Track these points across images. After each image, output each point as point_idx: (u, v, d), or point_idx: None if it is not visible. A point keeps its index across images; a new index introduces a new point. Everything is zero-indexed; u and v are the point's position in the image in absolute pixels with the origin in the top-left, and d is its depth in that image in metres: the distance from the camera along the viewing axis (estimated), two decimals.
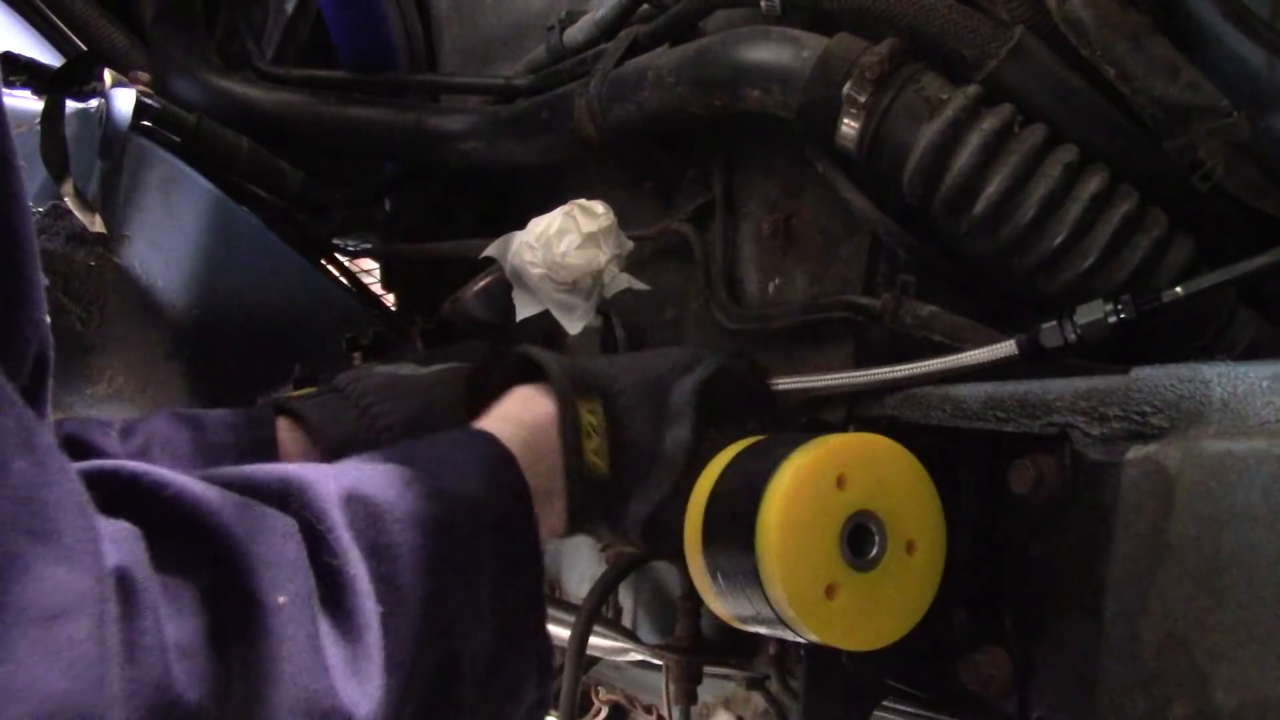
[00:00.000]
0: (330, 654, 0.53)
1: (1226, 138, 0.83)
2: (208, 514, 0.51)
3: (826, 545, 0.77)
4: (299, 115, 1.52)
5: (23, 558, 0.41)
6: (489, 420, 0.83)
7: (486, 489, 0.70)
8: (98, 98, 1.34)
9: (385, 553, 0.59)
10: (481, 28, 1.55)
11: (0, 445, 0.42)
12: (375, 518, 0.60)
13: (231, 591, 0.50)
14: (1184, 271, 0.88)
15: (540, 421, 0.82)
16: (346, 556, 0.56)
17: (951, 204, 0.91)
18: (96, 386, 1.42)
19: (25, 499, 0.42)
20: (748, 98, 1.02)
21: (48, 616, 0.41)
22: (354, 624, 0.55)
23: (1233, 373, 0.67)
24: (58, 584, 0.42)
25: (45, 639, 0.40)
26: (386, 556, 0.59)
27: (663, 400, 0.88)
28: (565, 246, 1.03)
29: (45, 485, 0.43)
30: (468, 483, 0.69)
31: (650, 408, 0.87)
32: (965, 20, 0.91)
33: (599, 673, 1.50)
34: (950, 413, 0.86)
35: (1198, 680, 0.62)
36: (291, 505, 0.57)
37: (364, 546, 0.58)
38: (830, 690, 0.91)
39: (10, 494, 0.41)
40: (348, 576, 0.56)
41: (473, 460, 0.72)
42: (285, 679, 0.50)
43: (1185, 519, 0.64)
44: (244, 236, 1.41)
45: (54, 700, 0.40)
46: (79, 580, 0.42)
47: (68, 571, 0.42)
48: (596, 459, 0.83)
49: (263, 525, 0.53)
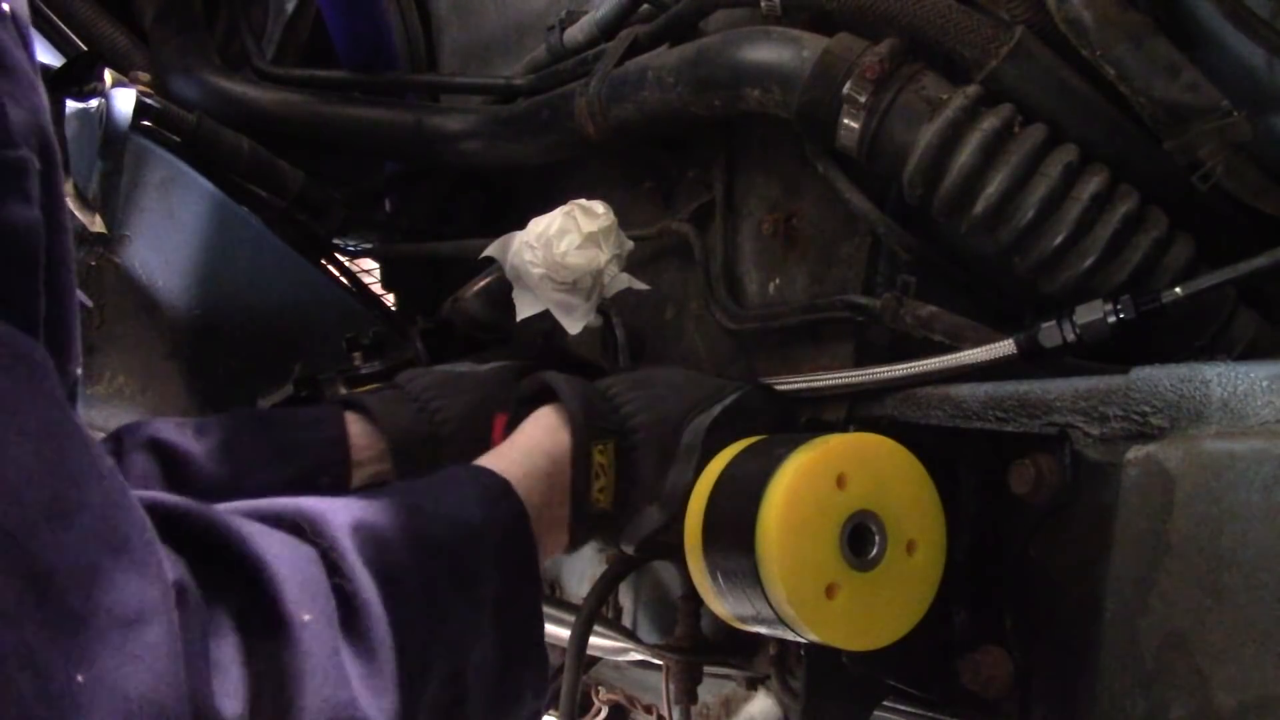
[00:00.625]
0: (350, 667, 0.56)
1: (1226, 138, 0.83)
2: (239, 541, 0.55)
3: (826, 545, 0.77)
4: (299, 115, 1.52)
5: (104, 569, 0.45)
6: (509, 446, 0.89)
7: (485, 514, 0.74)
8: (98, 98, 1.34)
9: (392, 577, 0.62)
10: (481, 28, 1.55)
11: (82, 469, 0.46)
12: (381, 546, 0.64)
13: (261, 611, 0.54)
14: (1184, 271, 0.88)
15: (556, 455, 0.88)
16: (359, 581, 0.60)
17: (951, 204, 0.91)
18: (97, 386, 1.42)
19: (104, 517, 0.46)
20: (748, 98, 1.02)
21: (128, 622, 0.45)
22: (369, 644, 0.59)
23: (1233, 373, 0.67)
24: (135, 592, 0.45)
25: (127, 642, 0.44)
26: (394, 581, 0.62)
27: (674, 440, 0.93)
28: (565, 246, 1.03)
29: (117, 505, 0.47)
30: (468, 509, 0.73)
31: (660, 449, 0.92)
32: (965, 20, 0.91)
33: (599, 673, 1.50)
34: (950, 413, 0.86)
35: (1198, 680, 0.62)
36: (307, 534, 0.60)
37: (374, 572, 0.61)
38: (830, 690, 0.91)
39: (92, 512, 0.45)
40: (361, 600, 0.59)
41: (471, 489, 0.76)
42: (311, 691, 0.53)
43: (1185, 519, 0.64)
44: (244, 236, 1.41)
45: (138, 699, 0.44)
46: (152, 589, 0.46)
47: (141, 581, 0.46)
48: (601, 497, 0.89)
49: (287, 550, 0.58)
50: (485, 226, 1.58)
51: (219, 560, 0.54)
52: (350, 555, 0.61)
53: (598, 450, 0.89)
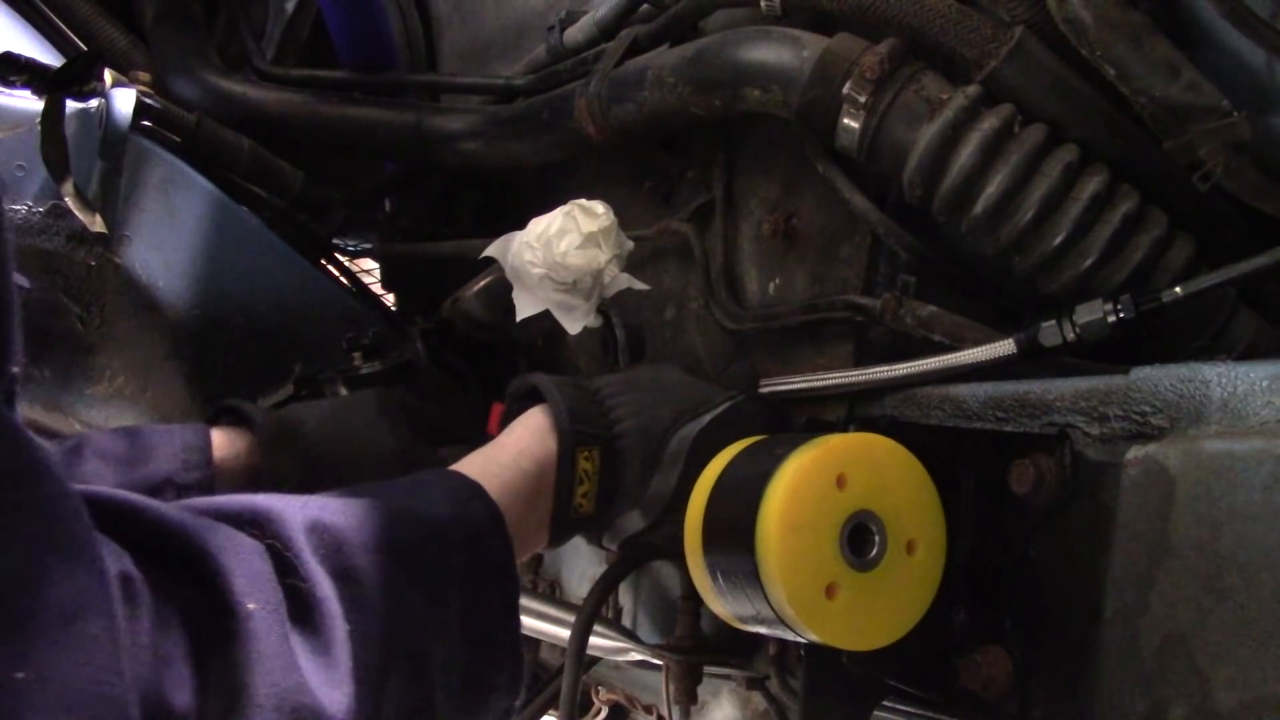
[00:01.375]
0: (302, 658, 0.57)
1: (1226, 138, 0.83)
2: (181, 535, 0.56)
3: (826, 545, 0.77)
4: (299, 115, 1.52)
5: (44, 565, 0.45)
6: (496, 447, 0.89)
7: (453, 512, 0.74)
8: (98, 98, 1.34)
9: (349, 575, 0.63)
10: (481, 28, 1.55)
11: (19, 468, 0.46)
12: (338, 544, 0.64)
13: (208, 603, 0.55)
14: (1184, 271, 0.88)
15: (542, 459, 0.89)
16: (314, 578, 0.60)
17: (951, 204, 0.91)
18: (97, 386, 1.42)
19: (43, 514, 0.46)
20: (748, 98, 1.02)
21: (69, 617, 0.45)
22: (323, 638, 0.59)
23: (1233, 373, 0.67)
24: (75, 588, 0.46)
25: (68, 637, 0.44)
26: (351, 579, 0.63)
27: (660, 448, 0.93)
28: (565, 246, 1.03)
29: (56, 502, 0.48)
30: (435, 507, 0.73)
31: (646, 455, 0.93)
32: (965, 20, 0.91)
33: (599, 673, 1.50)
34: (950, 412, 0.86)
35: (1198, 680, 0.62)
36: (260, 532, 0.61)
37: (330, 569, 0.62)
38: (830, 690, 0.91)
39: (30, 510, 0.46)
40: (316, 597, 0.60)
41: (440, 488, 0.77)
42: (259, 677, 0.54)
43: (1185, 519, 0.64)
44: (244, 236, 1.42)
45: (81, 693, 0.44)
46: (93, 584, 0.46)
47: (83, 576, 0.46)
48: (584, 502, 0.90)
49: (232, 543, 0.58)
50: (485, 226, 1.58)
51: (166, 554, 0.55)
52: (305, 553, 0.61)
53: (583, 456, 0.89)
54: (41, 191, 1.34)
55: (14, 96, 1.33)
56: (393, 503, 0.70)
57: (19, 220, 1.33)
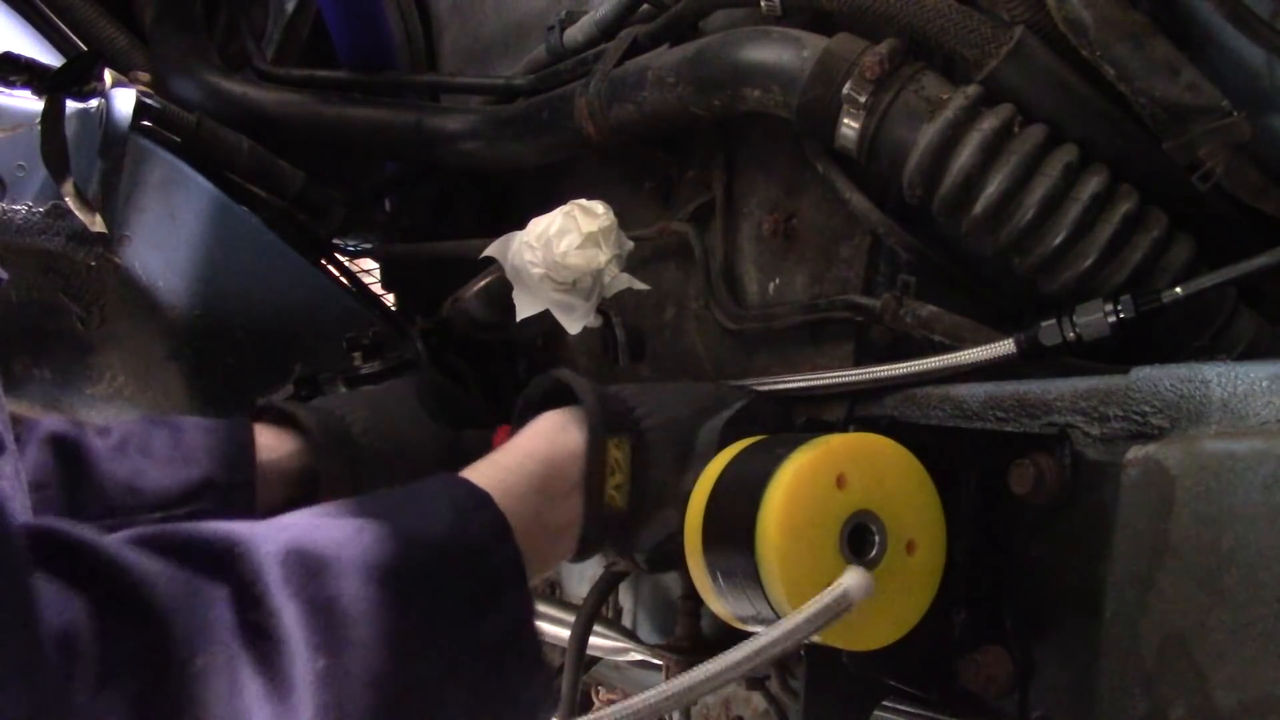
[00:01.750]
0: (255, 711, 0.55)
1: (1226, 138, 0.83)
2: (138, 581, 0.53)
3: (826, 545, 0.76)
4: (299, 115, 1.52)
5: None
6: (500, 452, 0.86)
7: (453, 528, 0.70)
8: (98, 98, 1.34)
9: (329, 606, 0.60)
10: (481, 28, 1.55)
11: None
12: (317, 571, 0.61)
13: (155, 656, 0.52)
14: (1184, 271, 0.88)
15: (565, 456, 0.85)
16: (279, 616, 0.57)
17: (951, 204, 0.91)
18: (97, 386, 1.42)
19: None
20: (748, 98, 1.02)
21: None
22: (283, 683, 0.56)
23: (1233, 373, 0.67)
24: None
25: None
26: (331, 610, 0.60)
27: (689, 440, 0.91)
28: (565, 246, 1.03)
29: None
30: (432, 524, 0.70)
31: (676, 447, 0.90)
32: (965, 20, 0.91)
33: (599, 673, 1.50)
34: (950, 412, 0.86)
35: (1198, 680, 0.62)
36: (227, 567, 0.58)
37: (303, 602, 0.59)
38: (830, 690, 0.91)
39: None
40: (278, 638, 0.57)
41: (444, 501, 0.73)
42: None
43: (1185, 519, 0.64)
44: (244, 236, 1.42)
45: None
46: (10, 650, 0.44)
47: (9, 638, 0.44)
48: (616, 495, 0.86)
49: (190, 591, 0.55)
50: (485, 226, 1.57)
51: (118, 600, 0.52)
52: (274, 587, 0.58)
53: (614, 444, 0.86)
54: (41, 191, 1.34)
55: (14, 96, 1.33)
56: (387, 518, 0.67)
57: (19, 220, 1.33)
